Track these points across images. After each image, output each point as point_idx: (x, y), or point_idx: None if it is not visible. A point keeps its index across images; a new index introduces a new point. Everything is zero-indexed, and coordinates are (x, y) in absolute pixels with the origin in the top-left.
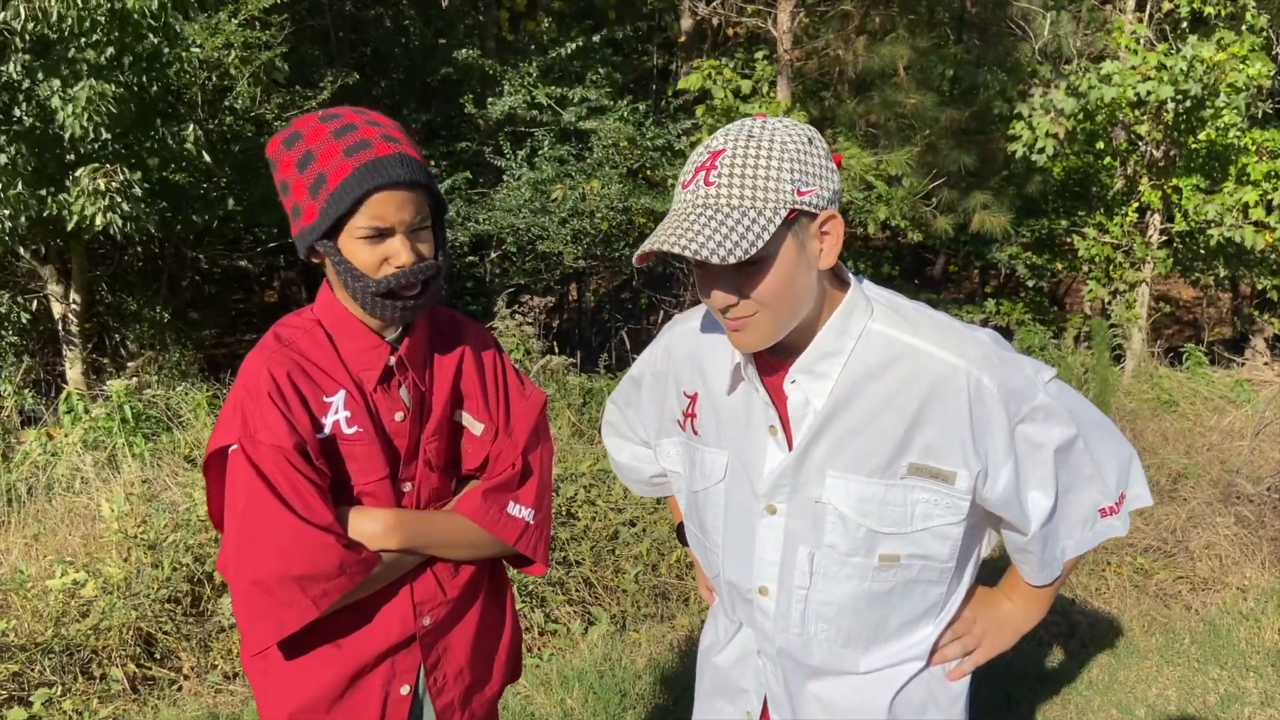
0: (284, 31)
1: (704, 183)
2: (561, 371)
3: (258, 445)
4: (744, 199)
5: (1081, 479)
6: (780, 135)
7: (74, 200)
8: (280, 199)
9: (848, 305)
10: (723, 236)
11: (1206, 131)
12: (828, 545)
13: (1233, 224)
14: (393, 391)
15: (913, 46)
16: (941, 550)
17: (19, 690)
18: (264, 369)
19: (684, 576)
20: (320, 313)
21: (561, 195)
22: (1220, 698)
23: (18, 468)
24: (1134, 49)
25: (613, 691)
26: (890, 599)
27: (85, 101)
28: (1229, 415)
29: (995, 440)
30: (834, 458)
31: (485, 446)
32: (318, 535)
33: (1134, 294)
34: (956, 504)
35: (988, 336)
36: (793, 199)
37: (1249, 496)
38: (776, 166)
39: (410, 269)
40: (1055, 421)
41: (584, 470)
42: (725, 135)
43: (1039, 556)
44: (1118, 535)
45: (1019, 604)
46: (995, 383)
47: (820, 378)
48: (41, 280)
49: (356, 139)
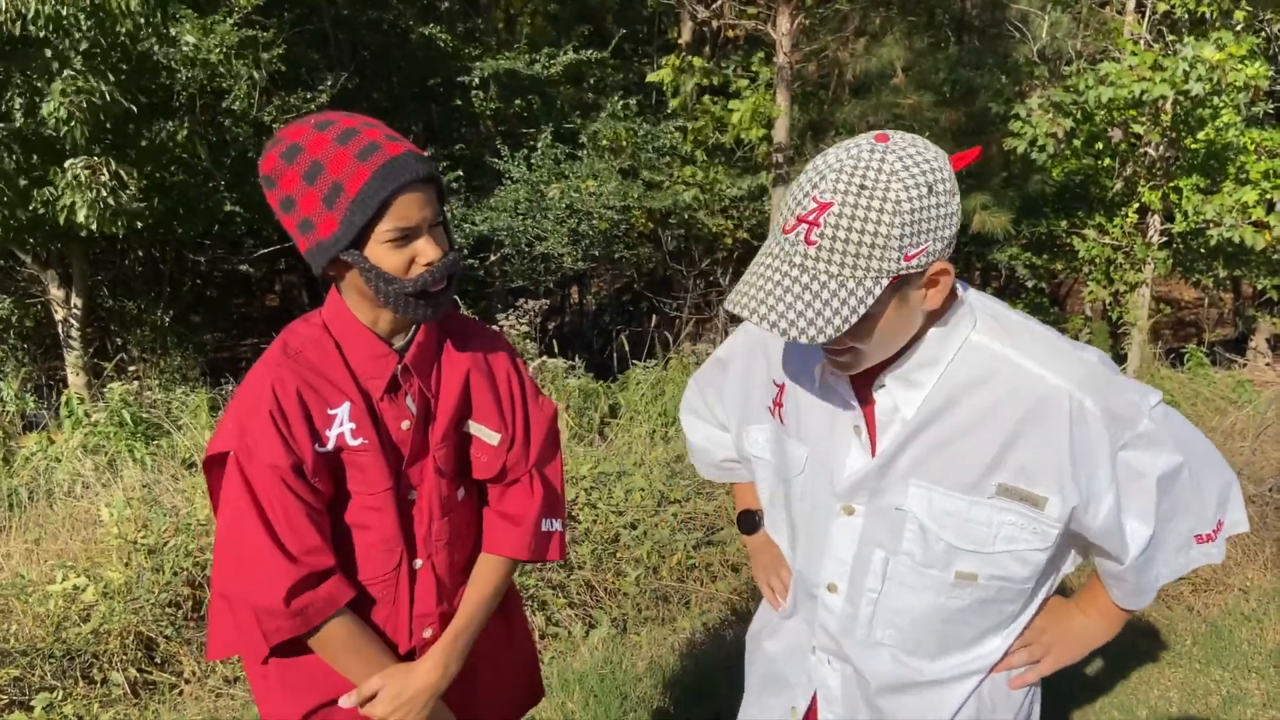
0: (281, 34)
1: (804, 240)
2: (560, 374)
3: (253, 461)
4: (844, 268)
5: (1182, 506)
6: (895, 188)
7: (60, 194)
8: (281, 217)
9: (952, 317)
10: (815, 313)
11: (1206, 131)
12: (905, 553)
13: (1232, 224)
14: (399, 400)
15: (911, 48)
16: (1022, 572)
17: (20, 695)
18: (268, 384)
19: (685, 579)
20: (329, 319)
21: (558, 193)
22: (1222, 699)
23: (19, 472)
24: (1133, 50)
25: (613, 695)
26: (964, 615)
27: (61, 95)
28: (1230, 416)
29: (1098, 468)
30: (920, 467)
31: (500, 456)
32: (289, 569)
33: (1134, 295)
34: (1045, 530)
35: (1095, 357)
36: (898, 266)
37: (1251, 497)
38: (885, 231)
39: (439, 265)
40: (1160, 449)
41: (584, 473)
42: (835, 182)
43: (1133, 585)
44: (1213, 563)
45: (1093, 620)
46: (1099, 406)
47: (914, 386)
48: (43, 284)
49: (364, 142)
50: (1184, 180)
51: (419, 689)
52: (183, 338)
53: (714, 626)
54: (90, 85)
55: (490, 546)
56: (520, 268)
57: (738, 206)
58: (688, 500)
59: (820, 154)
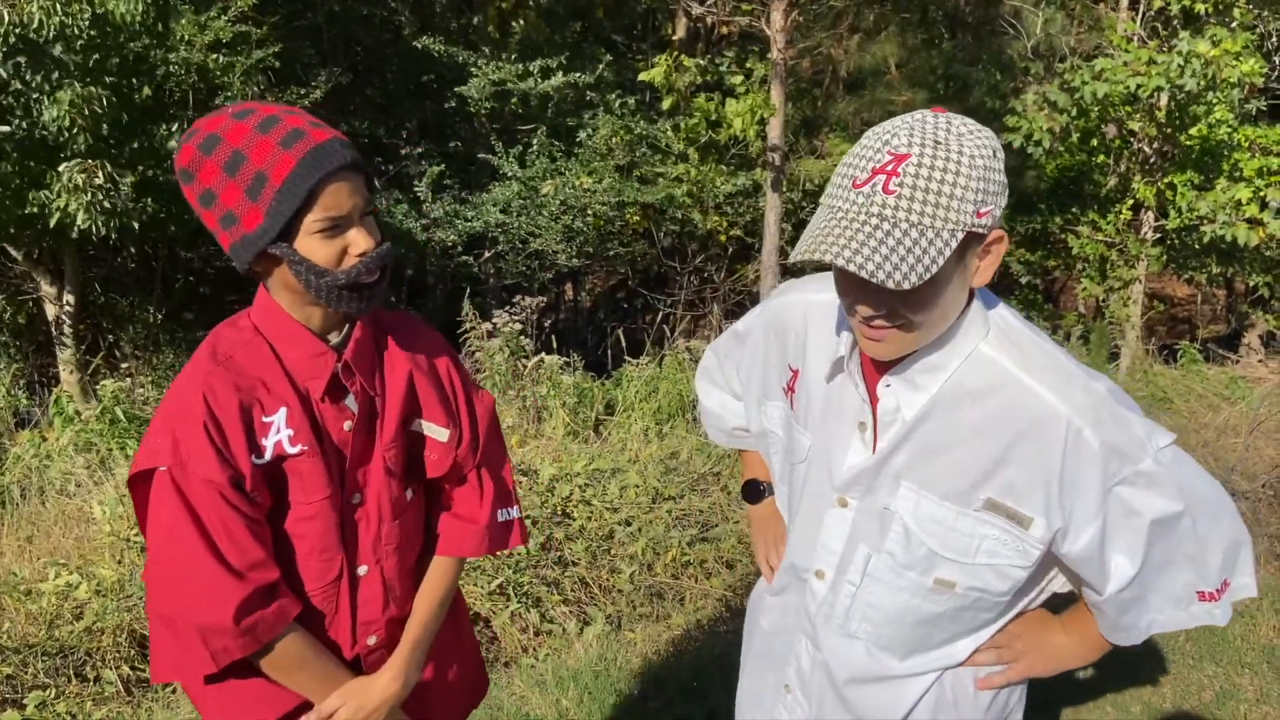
0: (276, 31)
1: (883, 189)
2: (555, 371)
3: (189, 477)
4: (924, 216)
5: (1180, 557)
6: (969, 145)
7: (55, 197)
8: (201, 212)
9: (964, 324)
10: (899, 259)
11: (1200, 127)
12: (887, 552)
13: (1225, 221)
14: (340, 400)
15: (905, 44)
16: (1000, 586)
17: (12, 693)
18: (198, 393)
19: (679, 576)
20: (259, 319)
21: (553, 190)
22: (1215, 695)
23: (10, 470)
24: (1126, 47)
25: (608, 691)
26: (938, 620)
27: (69, 104)
28: (1224, 412)
29: (1084, 497)
30: (912, 470)
31: (450, 452)
32: (235, 586)
33: (1128, 291)
34: (1027, 550)
35: (1105, 388)
36: (971, 220)
37: (1244, 493)
38: (964, 184)
39: (373, 255)
40: (1159, 492)
41: (579, 470)
42: (910, 135)
43: (1113, 619)
44: (1216, 624)
45: (1073, 640)
46: (1098, 438)
47: (918, 389)
48: (35, 281)
49: (287, 129)
50: (1178, 176)
51: (379, 703)
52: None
53: (708, 623)
54: (93, 92)
55: (447, 549)
56: (514, 265)
57: (731, 204)
58: (682, 497)
59: (875, 127)
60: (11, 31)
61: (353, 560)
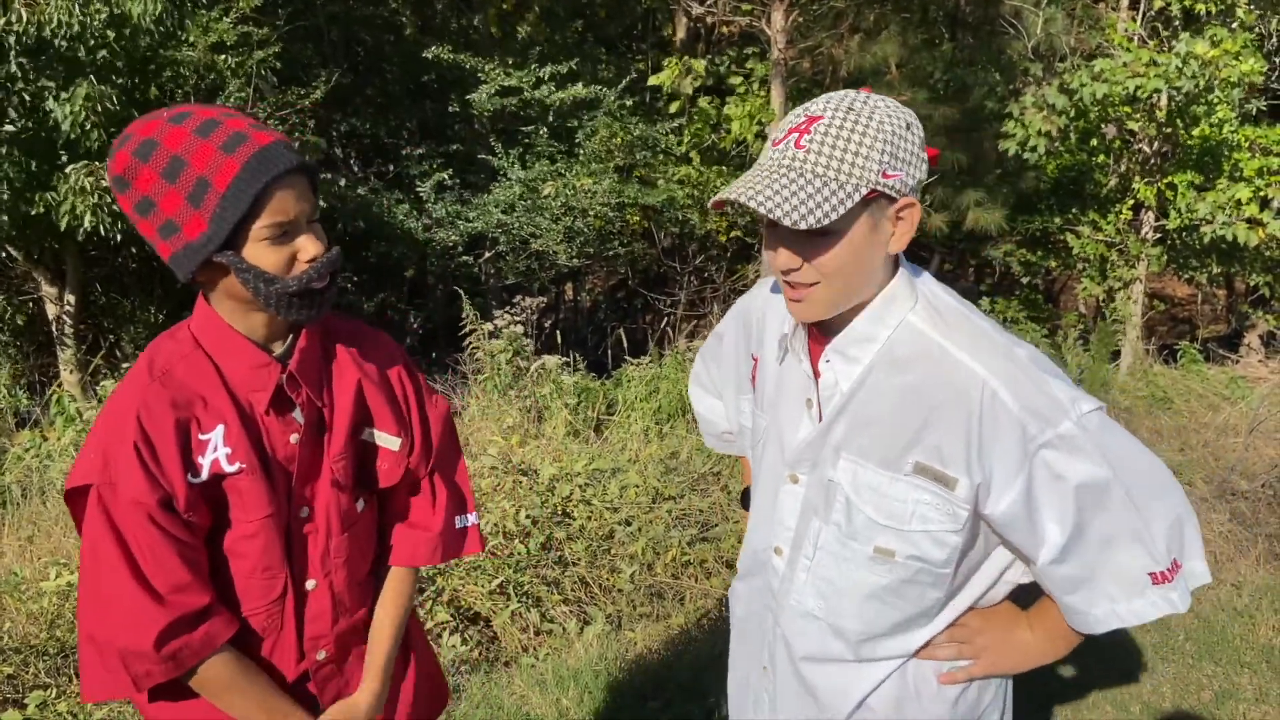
0: (278, 31)
1: (794, 145)
2: (556, 371)
3: (116, 497)
4: (829, 169)
5: (1123, 533)
6: (880, 114)
7: (61, 199)
8: (138, 221)
9: (889, 293)
10: (799, 201)
11: (1200, 128)
12: (834, 523)
13: (1225, 221)
14: (286, 413)
15: (905, 44)
16: (938, 555)
17: (13, 693)
18: (132, 411)
19: (679, 576)
20: (199, 331)
21: (553, 191)
22: (1215, 694)
23: (11, 469)
24: (1126, 46)
25: (608, 691)
26: (885, 595)
27: (84, 101)
28: (1224, 412)
29: (1004, 459)
30: (849, 441)
31: (402, 461)
32: (157, 612)
33: (1128, 291)
34: (955, 511)
35: (1026, 355)
36: (877, 179)
37: (1244, 493)
38: (869, 144)
39: (323, 261)
40: (1082, 457)
41: (579, 470)
42: (826, 103)
43: (1061, 598)
44: (1176, 612)
45: (1038, 636)
46: (1015, 400)
47: (852, 361)
48: (36, 281)
49: (228, 133)
50: (1178, 177)
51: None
52: None
53: (709, 623)
54: (103, 91)
55: (401, 559)
56: (514, 265)
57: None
58: (682, 497)
59: None
60: (28, 31)
61: (300, 575)
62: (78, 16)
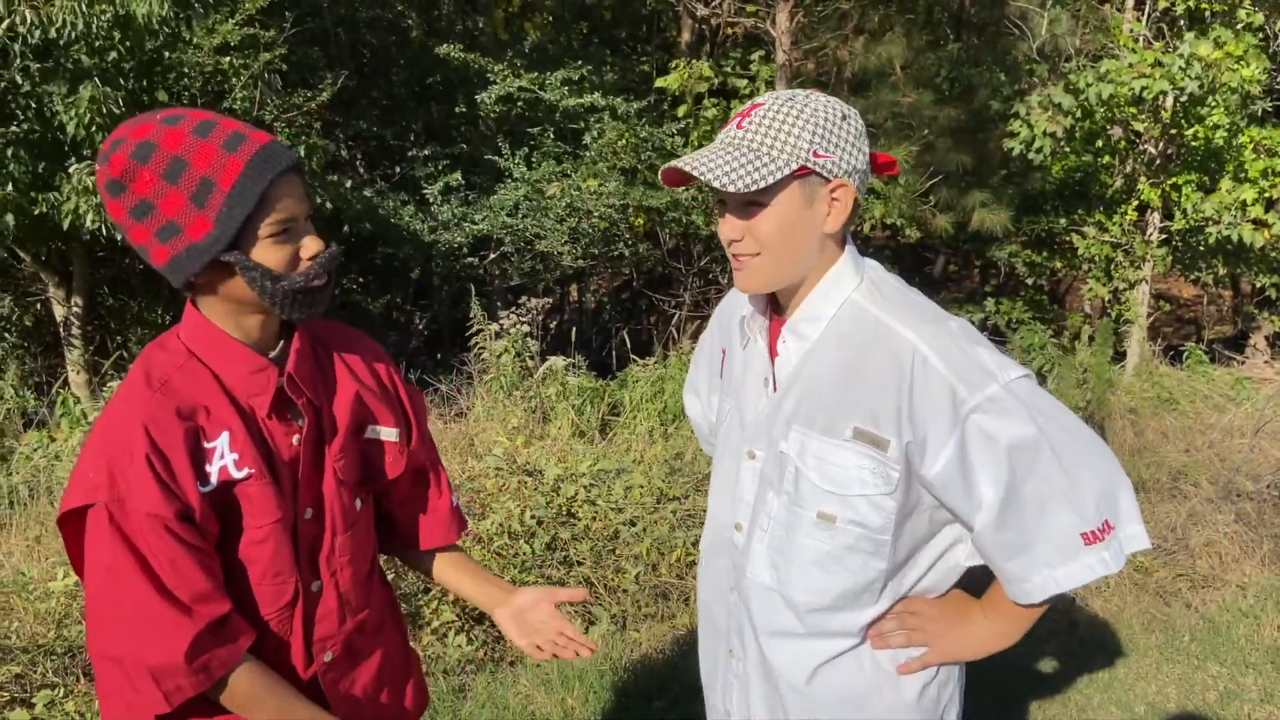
0: (284, 34)
1: (736, 127)
2: (561, 372)
3: (128, 513)
4: (763, 144)
5: (1055, 497)
6: (815, 104)
7: (65, 199)
8: (131, 226)
9: (835, 273)
10: (732, 169)
11: (1203, 129)
12: (785, 492)
13: (1231, 222)
14: (287, 415)
15: (910, 45)
16: (876, 519)
17: (21, 692)
18: (137, 423)
19: (684, 576)
20: (190, 339)
21: (559, 192)
22: (1220, 695)
23: (19, 470)
24: (1132, 47)
25: (613, 691)
26: (827, 562)
27: (89, 102)
28: (1229, 413)
29: (935, 418)
30: (797, 413)
31: (403, 451)
32: (184, 622)
33: (1134, 292)
34: (888, 473)
35: (956, 325)
36: (807, 157)
37: (1249, 494)
38: (801, 126)
39: (325, 257)
40: (1010, 418)
41: (584, 470)
42: (772, 95)
43: (1000, 566)
44: (1110, 572)
45: (992, 621)
46: (943, 364)
47: (802, 339)
48: (43, 283)
49: (226, 133)
50: (1183, 178)
51: None
52: None
53: None
54: (109, 93)
55: (434, 540)
56: (519, 266)
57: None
58: (687, 497)
59: None
60: (33, 32)
61: (307, 577)
62: (83, 16)
